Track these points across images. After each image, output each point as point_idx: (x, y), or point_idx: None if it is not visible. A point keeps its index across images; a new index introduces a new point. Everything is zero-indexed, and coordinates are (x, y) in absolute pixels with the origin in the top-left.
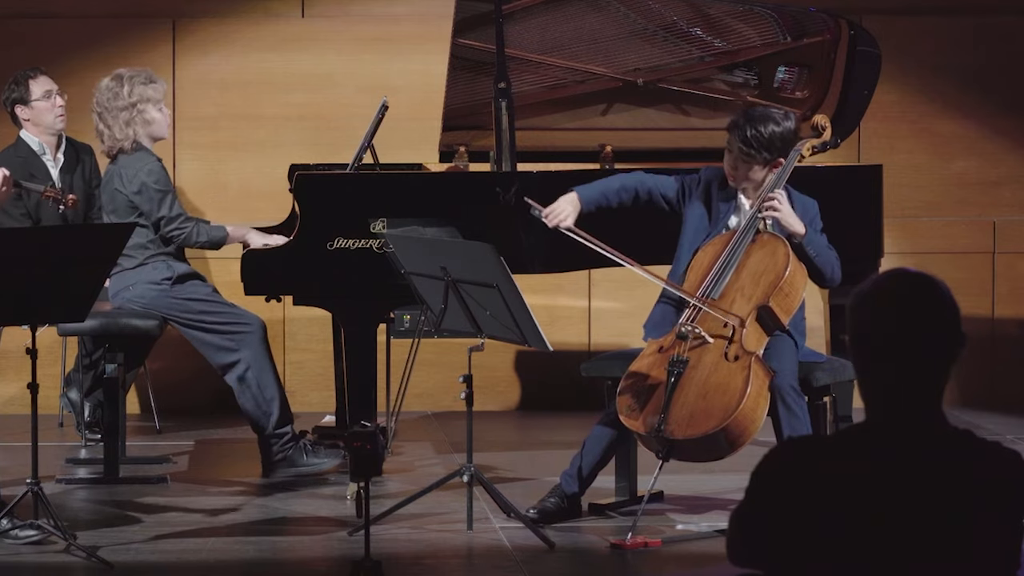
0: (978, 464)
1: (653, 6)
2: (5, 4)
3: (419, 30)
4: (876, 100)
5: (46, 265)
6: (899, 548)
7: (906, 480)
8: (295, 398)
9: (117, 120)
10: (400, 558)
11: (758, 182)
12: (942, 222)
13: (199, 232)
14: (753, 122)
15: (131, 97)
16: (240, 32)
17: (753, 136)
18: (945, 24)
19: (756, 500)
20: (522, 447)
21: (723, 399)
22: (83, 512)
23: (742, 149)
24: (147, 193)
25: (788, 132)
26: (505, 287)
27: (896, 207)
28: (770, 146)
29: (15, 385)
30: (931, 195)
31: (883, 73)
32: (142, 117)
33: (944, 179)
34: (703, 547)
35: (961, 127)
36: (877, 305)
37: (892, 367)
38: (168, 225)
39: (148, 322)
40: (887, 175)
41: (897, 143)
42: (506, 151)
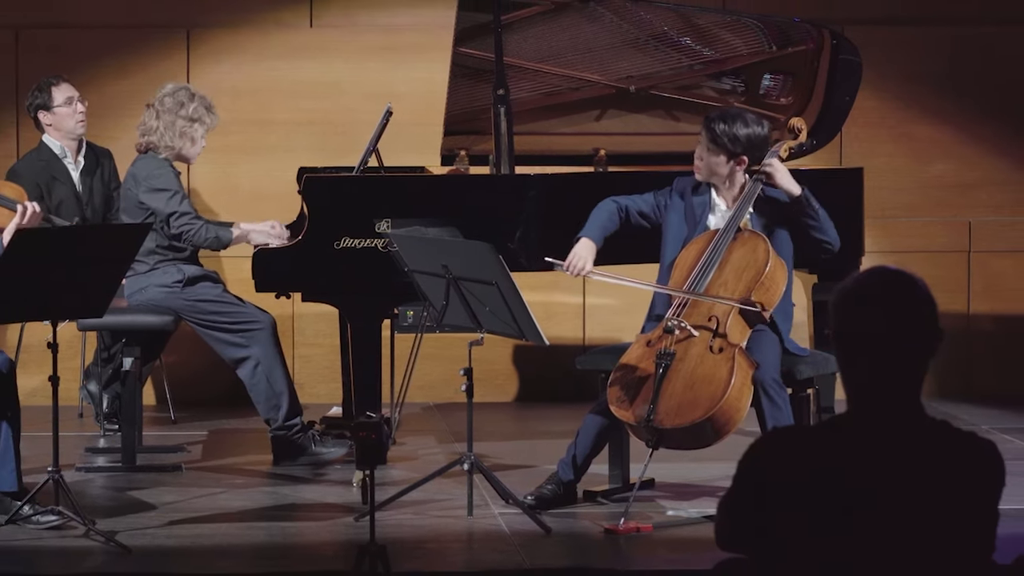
0: (954, 453)
1: (645, 17)
2: (29, 15)
3: (422, 39)
4: (857, 106)
5: (66, 264)
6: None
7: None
8: (304, 390)
9: (173, 126)
10: (404, 542)
11: (722, 176)
12: (920, 222)
13: (207, 230)
14: (726, 118)
15: (193, 113)
16: (251, 41)
17: (722, 131)
18: (922, 34)
19: (742, 488)
20: (520, 437)
21: (709, 389)
22: (102, 499)
23: (710, 144)
24: (157, 194)
25: (757, 135)
26: (504, 284)
27: (876, 208)
28: (734, 140)
29: (37, 378)
30: (909, 197)
31: (864, 81)
32: (190, 135)
33: (922, 182)
34: (692, 532)
35: (938, 132)
36: (858, 301)
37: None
38: (177, 220)
39: (163, 318)
40: (868, 178)
41: (877, 147)
42: (505, 155)
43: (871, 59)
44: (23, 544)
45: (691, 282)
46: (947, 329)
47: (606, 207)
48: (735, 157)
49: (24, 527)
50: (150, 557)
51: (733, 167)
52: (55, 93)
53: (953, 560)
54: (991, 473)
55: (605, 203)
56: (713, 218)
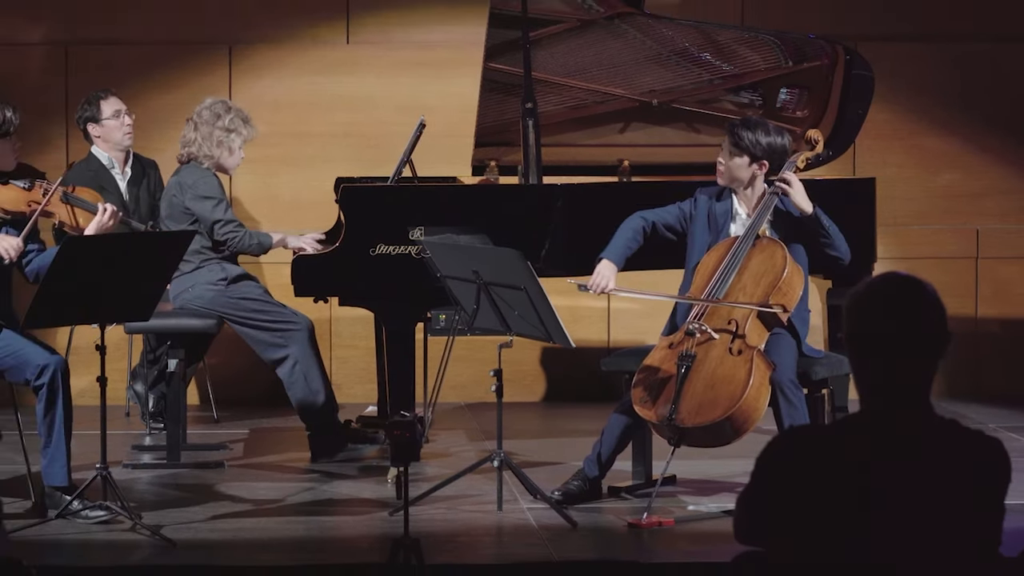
0: (963, 450)
1: (667, 33)
2: (78, 32)
3: (453, 55)
4: (869, 119)
5: (114, 269)
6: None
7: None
8: (341, 390)
9: (210, 137)
10: (437, 536)
11: (743, 180)
12: (930, 230)
13: (250, 236)
14: (749, 124)
15: (230, 124)
16: (290, 57)
17: (746, 136)
18: (931, 50)
19: (760, 484)
20: (547, 435)
21: (728, 390)
22: (148, 494)
23: (731, 141)
24: (203, 201)
25: (777, 144)
26: (532, 289)
27: (888, 216)
28: (755, 145)
29: (86, 379)
30: (920, 205)
31: (876, 94)
32: (227, 145)
33: (931, 191)
34: (712, 526)
35: (947, 143)
36: (871, 305)
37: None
38: (222, 228)
39: (206, 321)
40: (880, 187)
41: (889, 158)
42: (533, 165)
43: (882, 74)
44: (73, 538)
45: (712, 287)
46: (956, 332)
47: (632, 224)
48: (756, 161)
49: (74, 521)
50: (194, 550)
51: (754, 171)
52: (104, 106)
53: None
54: (998, 469)
55: (632, 220)
56: (734, 225)
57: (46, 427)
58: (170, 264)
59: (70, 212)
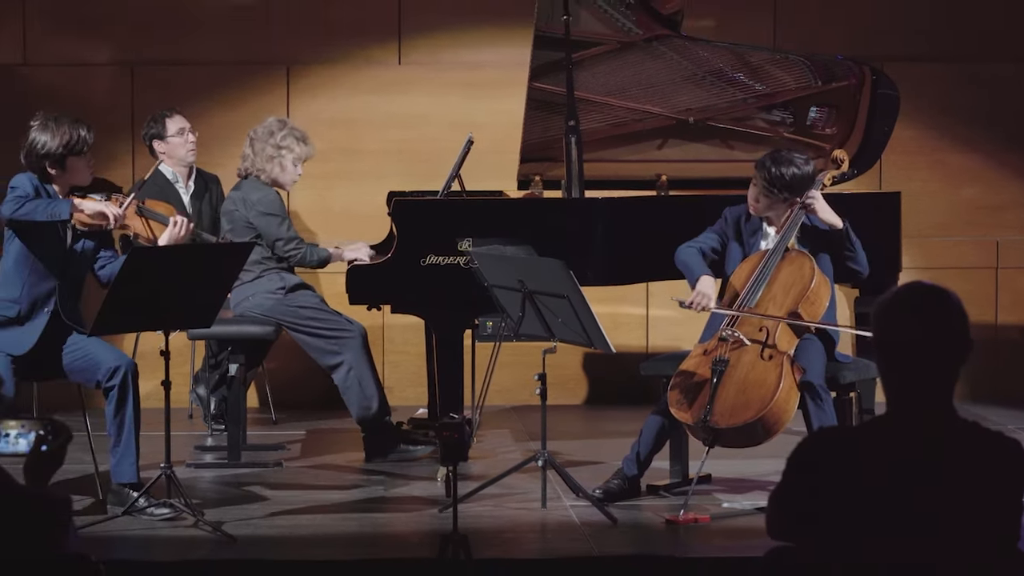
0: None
1: (702, 54)
2: (143, 53)
3: (500, 75)
4: (895, 136)
5: (178, 278)
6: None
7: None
8: (393, 393)
9: (263, 152)
10: (484, 532)
11: (778, 213)
12: (952, 241)
13: (310, 253)
14: (777, 164)
15: (282, 141)
16: (345, 77)
17: (776, 177)
18: (955, 71)
19: (791, 482)
20: (589, 436)
21: (760, 393)
22: (209, 492)
23: (765, 188)
24: (267, 218)
25: (806, 175)
26: (574, 297)
27: (913, 228)
28: (790, 187)
29: (151, 383)
30: (943, 218)
31: (901, 113)
32: (279, 161)
33: (954, 204)
34: (746, 522)
35: (969, 159)
36: (898, 313)
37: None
38: (286, 246)
39: (265, 328)
40: (905, 201)
41: (913, 173)
42: (575, 180)
43: (907, 93)
44: (138, 533)
45: (743, 297)
46: (977, 339)
47: (690, 251)
48: (788, 201)
49: (139, 518)
50: (253, 545)
51: (787, 205)
52: (169, 124)
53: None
54: (1017, 468)
55: (685, 250)
56: (764, 242)
57: (116, 426)
58: (231, 274)
59: (144, 224)
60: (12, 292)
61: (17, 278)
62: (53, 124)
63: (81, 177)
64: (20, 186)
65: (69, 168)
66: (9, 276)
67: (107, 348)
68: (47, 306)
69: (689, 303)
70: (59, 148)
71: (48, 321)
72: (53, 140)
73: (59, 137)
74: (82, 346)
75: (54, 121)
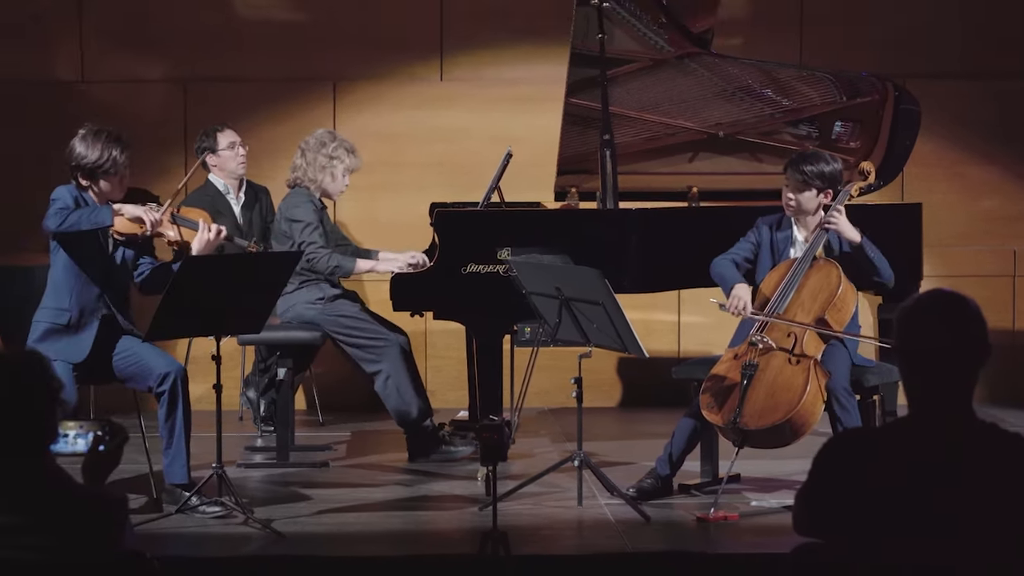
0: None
1: (732, 71)
2: (196, 70)
3: (538, 92)
4: (916, 149)
5: (229, 287)
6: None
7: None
8: (435, 396)
9: (314, 162)
10: (522, 529)
11: (811, 211)
12: (971, 250)
13: (330, 259)
14: (809, 159)
15: (333, 152)
16: (389, 93)
17: (809, 169)
18: (974, 87)
19: (817, 481)
20: (623, 437)
21: (787, 396)
22: (259, 491)
23: (799, 178)
24: (293, 224)
25: (835, 171)
26: (609, 304)
27: (933, 238)
28: (821, 177)
29: (203, 386)
30: (962, 228)
31: (922, 127)
32: (331, 171)
33: (973, 215)
34: (774, 520)
35: (987, 172)
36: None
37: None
38: (306, 248)
39: (312, 334)
40: (925, 212)
41: (934, 185)
42: (610, 192)
43: (929, 108)
44: (191, 531)
45: (773, 303)
46: (995, 343)
47: (725, 263)
48: (822, 191)
49: (192, 516)
50: (301, 542)
51: (820, 200)
52: (220, 138)
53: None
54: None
55: (720, 262)
56: (793, 250)
57: (167, 430)
58: (280, 282)
59: (178, 231)
60: (62, 301)
61: (66, 287)
62: (91, 139)
63: (112, 194)
64: (60, 199)
65: (100, 184)
66: (58, 286)
67: (158, 354)
68: (97, 313)
69: (728, 306)
70: (91, 165)
71: (99, 327)
72: (88, 155)
73: (93, 154)
74: (134, 352)
75: (93, 136)
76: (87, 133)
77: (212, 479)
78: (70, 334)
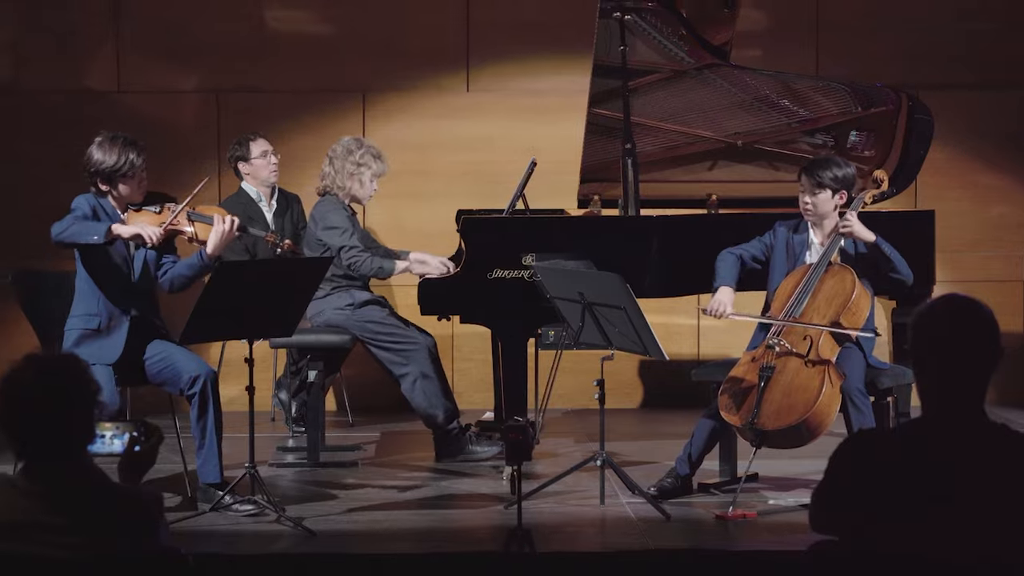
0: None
1: (750, 82)
2: (228, 81)
3: (561, 102)
4: (929, 158)
5: (262, 291)
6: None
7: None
8: (462, 398)
9: (343, 170)
10: (546, 527)
11: (828, 213)
12: (982, 256)
13: (372, 261)
14: (821, 163)
15: (360, 159)
16: (417, 103)
17: (824, 174)
18: (986, 98)
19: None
20: (644, 437)
21: (803, 397)
22: (290, 490)
23: (813, 180)
24: (330, 231)
25: (848, 174)
26: (630, 309)
27: (946, 244)
28: (835, 179)
29: (236, 388)
30: (973, 234)
31: (935, 137)
32: (359, 178)
33: (984, 222)
34: (790, 518)
35: (998, 180)
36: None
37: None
38: (347, 253)
39: (342, 337)
40: (938, 218)
41: (946, 193)
42: (631, 199)
43: (942, 119)
44: (224, 528)
45: (789, 307)
46: (1005, 346)
47: (727, 258)
48: (837, 193)
49: (225, 514)
50: (332, 539)
51: (836, 201)
52: (253, 147)
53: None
54: None
55: (725, 255)
56: (809, 254)
57: (199, 431)
58: (309, 287)
59: (195, 228)
60: (90, 307)
61: (92, 293)
62: (108, 144)
63: (131, 196)
64: (78, 207)
65: (119, 187)
66: (85, 292)
67: (189, 357)
68: (126, 315)
69: (708, 309)
70: (109, 169)
71: (129, 328)
72: (105, 160)
73: (110, 158)
74: (165, 355)
75: (110, 141)
76: (103, 140)
77: (245, 478)
78: (102, 337)
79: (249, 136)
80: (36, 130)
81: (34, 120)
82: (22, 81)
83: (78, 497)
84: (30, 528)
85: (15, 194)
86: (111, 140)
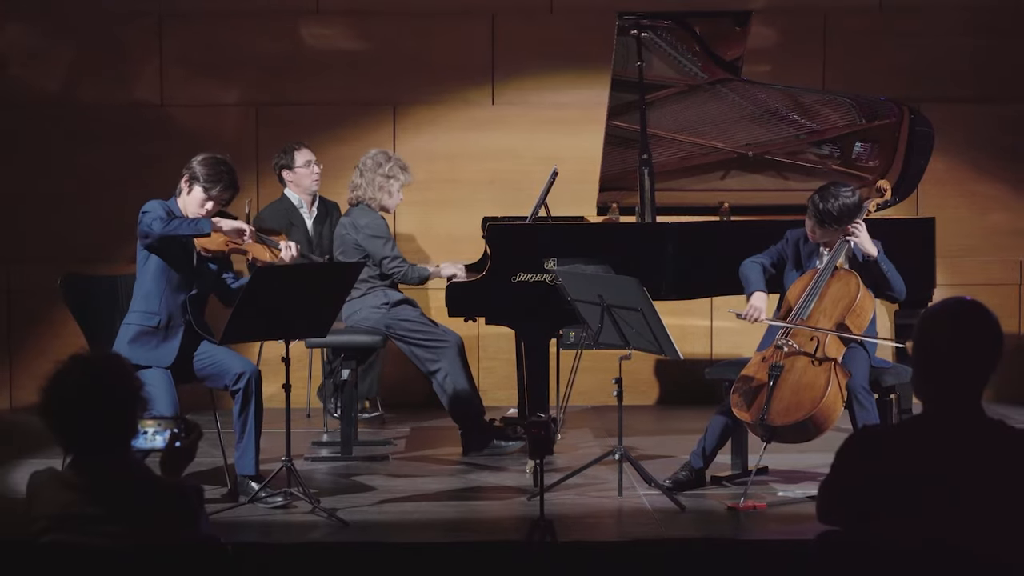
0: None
1: (760, 96)
2: (266, 94)
3: (582, 115)
4: (930, 168)
5: (298, 294)
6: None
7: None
8: (487, 395)
9: (373, 181)
10: (567, 517)
11: (832, 240)
12: (980, 261)
13: (412, 270)
14: (825, 200)
15: (389, 172)
16: (445, 116)
17: (825, 212)
18: (984, 111)
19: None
20: (660, 433)
21: (811, 394)
22: (325, 482)
23: (817, 221)
24: (374, 240)
25: (854, 204)
26: (647, 311)
27: (945, 249)
28: (838, 219)
29: (273, 386)
30: (972, 240)
31: (935, 147)
32: (387, 188)
33: (982, 228)
34: (799, 509)
35: (996, 189)
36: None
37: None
38: (390, 264)
39: (374, 337)
40: (939, 225)
41: (946, 201)
42: (648, 207)
43: (942, 131)
44: (261, 519)
45: (797, 309)
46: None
47: (753, 267)
48: (841, 227)
49: (259, 506)
50: (364, 529)
51: (840, 233)
52: (297, 156)
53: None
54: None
55: (750, 264)
56: (819, 261)
57: (240, 425)
58: (343, 290)
59: (260, 249)
60: (152, 306)
61: (156, 293)
62: (212, 163)
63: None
64: (152, 210)
65: (193, 195)
66: (148, 292)
67: (234, 356)
68: (182, 318)
69: (745, 315)
70: (203, 179)
71: (184, 332)
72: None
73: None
74: (212, 354)
75: (216, 163)
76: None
77: (281, 471)
78: (159, 338)
79: (294, 145)
80: (89, 142)
81: (87, 132)
82: (78, 95)
83: (121, 490)
84: (77, 520)
85: (70, 202)
86: (216, 163)
